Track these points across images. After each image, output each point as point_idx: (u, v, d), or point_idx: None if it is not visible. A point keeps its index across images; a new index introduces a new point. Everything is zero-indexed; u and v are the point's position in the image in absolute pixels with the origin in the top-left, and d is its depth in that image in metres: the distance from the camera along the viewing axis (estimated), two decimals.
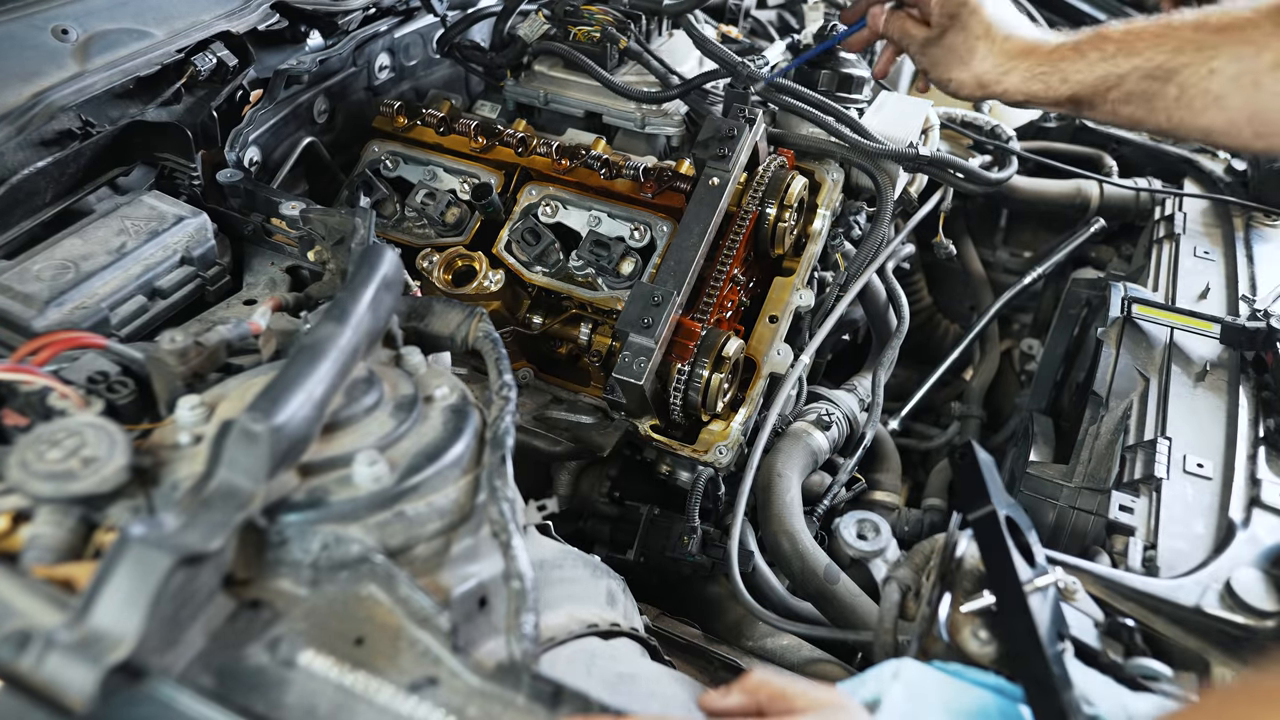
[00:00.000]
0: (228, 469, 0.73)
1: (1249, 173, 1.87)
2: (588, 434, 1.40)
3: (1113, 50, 1.11)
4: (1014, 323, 2.35)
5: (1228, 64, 1.04)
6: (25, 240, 1.20)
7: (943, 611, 0.87)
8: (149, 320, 1.13)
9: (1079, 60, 1.14)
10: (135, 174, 1.37)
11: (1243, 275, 1.59)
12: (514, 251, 1.52)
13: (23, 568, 0.72)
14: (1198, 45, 1.06)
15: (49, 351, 0.89)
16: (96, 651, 0.63)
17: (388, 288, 0.92)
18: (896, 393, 1.90)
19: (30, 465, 0.74)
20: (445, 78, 1.93)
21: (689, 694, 0.96)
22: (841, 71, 1.71)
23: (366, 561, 0.75)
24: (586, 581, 1.01)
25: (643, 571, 1.41)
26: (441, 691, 0.69)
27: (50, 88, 1.28)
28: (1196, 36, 1.06)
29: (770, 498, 1.39)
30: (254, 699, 0.68)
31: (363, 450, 0.80)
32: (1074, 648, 0.86)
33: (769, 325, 1.51)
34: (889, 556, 1.37)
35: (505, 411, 0.89)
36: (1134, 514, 1.15)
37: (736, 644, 1.38)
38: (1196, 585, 1.00)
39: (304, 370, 0.78)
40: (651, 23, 1.73)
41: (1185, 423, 1.28)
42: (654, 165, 1.55)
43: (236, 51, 1.49)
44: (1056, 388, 1.69)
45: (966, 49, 1.23)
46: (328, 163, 1.66)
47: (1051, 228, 2.24)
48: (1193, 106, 1.07)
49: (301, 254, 1.24)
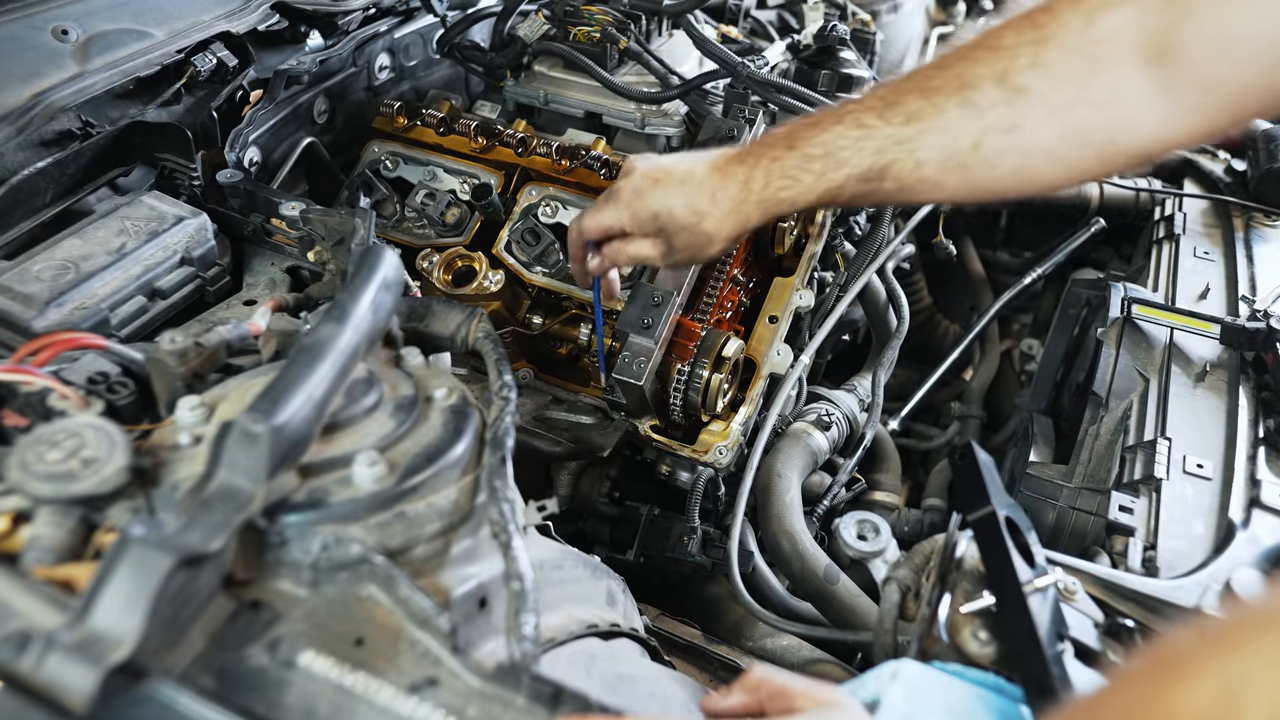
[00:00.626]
0: (228, 470, 0.73)
1: (1249, 173, 1.87)
2: (588, 434, 1.40)
3: (819, 169, 1.09)
4: (1014, 323, 2.35)
5: (931, 154, 1.04)
6: (25, 241, 1.20)
7: (942, 612, 0.87)
8: (149, 321, 1.13)
9: (795, 186, 1.11)
10: (135, 174, 1.37)
11: (1243, 275, 1.59)
12: (514, 252, 1.53)
13: (23, 568, 0.72)
14: (897, 140, 1.04)
15: (49, 352, 0.89)
16: (96, 652, 0.63)
17: (388, 288, 0.92)
18: (896, 393, 1.90)
19: (30, 466, 0.74)
20: (445, 78, 1.93)
21: (689, 694, 0.96)
22: (841, 72, 1.71)
23: (366, 562, 0.75)
24: (586, 582, 1.01)
25: (643, 572, 1.41)
26: (441, 692, 0.69)
27: (50, 88, 1.28)
28: (894, 131, 1.05)
29: (770, 498, 1.39)
30: (254, 700, 0.68)
31: (363, 451, 0.80)
32: (1074, 648, 0.86)
33: (769, 325, 1.51)
34: (889, 557, 1.37)
35: (505, 412, 0.89)
36: (1134, 514, 1.15)
37: (736, 644, 1.38)
38: (1196, 586, 1.00)
39: (304, 371, 0.78)
40: (651, 23, 1.73)
41: (1185, 423, 1.28)
42: None
43: (236, 52, 1.49)
44: (1056, 388, 1.69)
45: (699, 236, 1.17)
46: (328, 163, 1.66)
47: (1051, 228, 2.24)
48: (914, 192, 1.08)
49: (301, 254, 1.24)
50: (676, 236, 1.18)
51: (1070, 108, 0.98)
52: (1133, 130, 0.98)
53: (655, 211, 1.18)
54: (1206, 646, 0.58)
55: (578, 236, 1.27)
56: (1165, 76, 0.94)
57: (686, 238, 1.18)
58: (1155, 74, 0.94)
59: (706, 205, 1.15)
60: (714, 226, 1.16)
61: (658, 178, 1.18)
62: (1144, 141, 0.99)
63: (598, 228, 1.23)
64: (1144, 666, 0.66)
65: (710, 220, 1.16)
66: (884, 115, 1.06)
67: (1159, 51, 0.93)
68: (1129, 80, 0.95)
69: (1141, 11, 0.94)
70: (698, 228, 1.17)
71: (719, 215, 1.15)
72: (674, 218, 1.17)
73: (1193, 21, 0.91)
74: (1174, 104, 0.95)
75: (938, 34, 2.74)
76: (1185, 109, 0.95)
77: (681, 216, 1.16)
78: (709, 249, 1.19)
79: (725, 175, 1.16)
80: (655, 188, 1.18)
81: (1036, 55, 0.98)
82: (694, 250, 1.19)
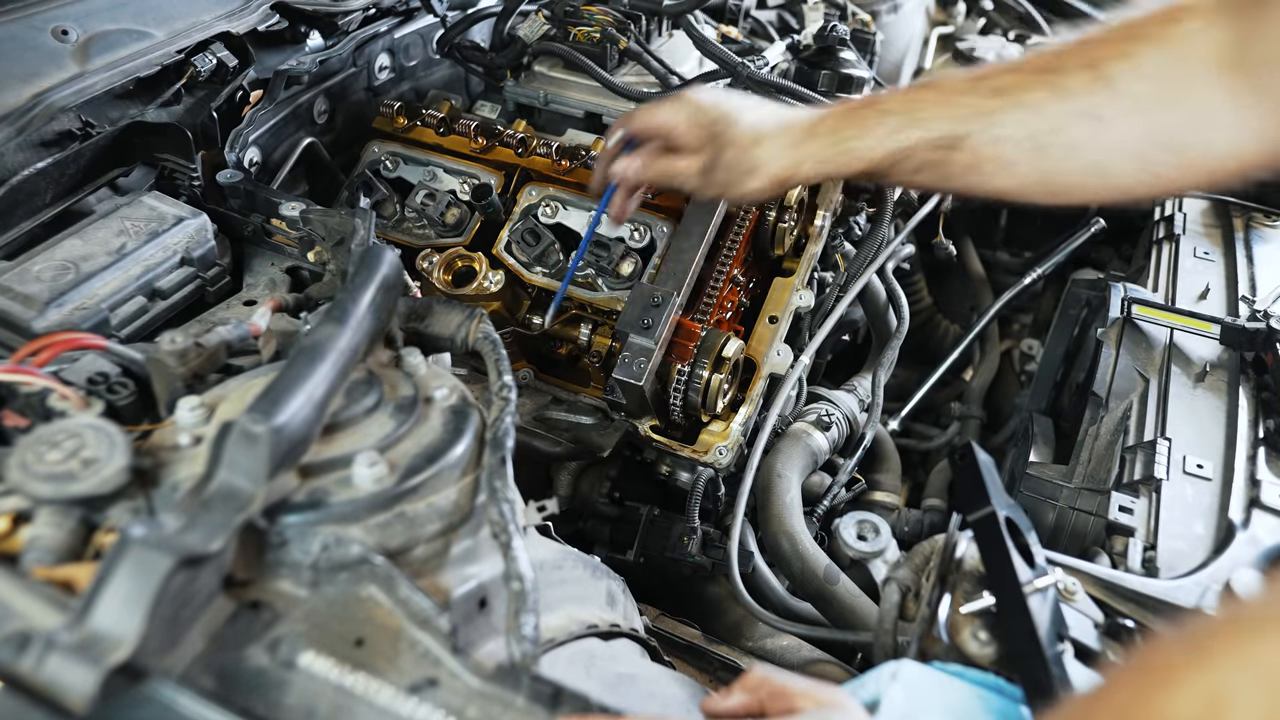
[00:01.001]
0: (228, 470, 0.73)
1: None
2: (588, 434, 1.40)
3: (895, 124, 1.07)
4: (1014, 323, 2.35)
5: (1011, 130, 1.02)
6: (25, 241, 1.20)
7: (942, 612, 0.87)
8: (149, 321, 1.13)
9: (866, 137, 1.08)
10: (135, 175, 1.37)
11: (1242, 276, 1.59)
12: (514, 252, 1.53)
13: (23, 569, 0.72)
14: (979, 112, 1.03)
15: (49, 352, 0.89)
16: (97, 653, 0.63)
17: (388, 289, 0.92)
18: (896, 393, 1.90)
19: (30, 466, 0.74)
20: (445, 78, 1.93)
21: (688, 694, 0.96)
22: (841, 72, 1.71)
23: (366, 563, 0.75)
24: (586, 582, 1.01)
25: (643, 572, 1.41)
26: (441, 693, 0.70)
27: (50, 88, 1.28)
28: (978, 102, 1.04)
29: (770, 498, 1.39)
30: (254, 700, 0.68)
31: (363, 451, 0.80)
32: (1074, 648, 0.86)
33: (769, 326, 1.51)
34: (889, 557, 1.37)
35: (505, 412, 0.89)
36: (1134, 515, 1.15)
37: (736, 644, 1.38)
38: (1196, 586, 1.00)
39: (304, 371, 0.78)
40: (651, 23, 1.73)
41: (1185, 423, 1.28)
42: None
43: (236, 52, 1.49)
44: (1056, 388, 1.69)
45: (748, 160, 1.13)
46: (328, 163, 1.66)
47: (1051, 228, 2.24)
48: (984, 171, 1.05)
49: (301, 255, 1.24)
50: (725, 152, 1.14)
51: (1154, 106, 0.97)
52: (1209, 139, 0.97)
53: (715, 117, 1.14)
54: (1194, 652, 0.59)
55: (621, 128, 1.22)
56: (1238, 87, 0.94)
57: (734, 156, 1.13)
58: (1230, 83, 0.94)
59: (770, 128, 1.12)
60: (767, 155, 1.12)
61: (726, 94, 1.16)
62: (1219, 153, 0.98)
63: (648, 123, 1.19)
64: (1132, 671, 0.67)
65: (766, 146, 1.12)
66: (972, 86, 1.05)
67: (1234, 61, 0.93)
68: (1209, 86, 0.95)
69: (1219, 21, 0.94)
70: (751, 150, 1.12)
71: (776, 145, 1.12)
72: (733, 128, 1.13)
73: (1263, 34, 0.91)
74: (1245, 116, 0.95)
75: (938, 34, 2.74)
76: (1254, 123, 0.95)
77: (741, 130, 1.13)
78: (748, 183, 1.14)
79: (792, 113, 1.14)
80: (726, 99, 1.16)
81: (1127, 50, 0.98)
82: (734, 177, 1.14)
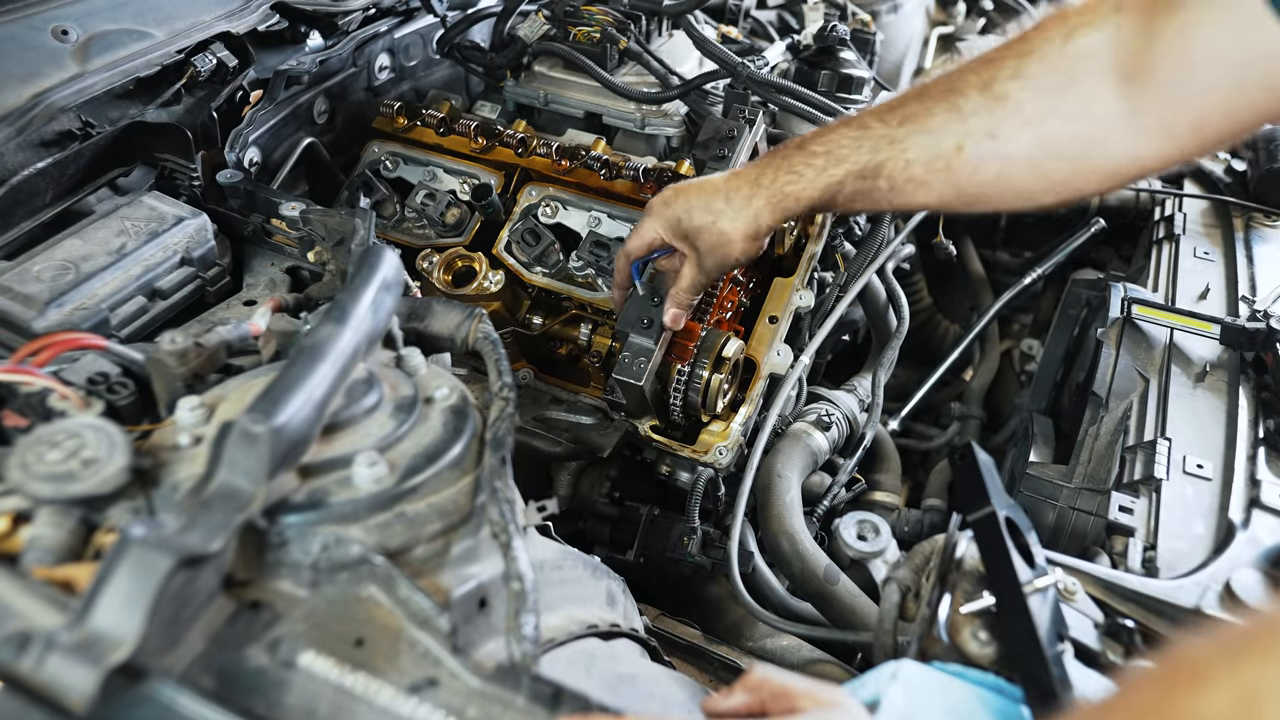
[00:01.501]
0: (228, 470, 0.73)
1: (1249, 173, 1.87)
2: (588, 435, 1.40)
3: (821, 164, 1.16)
4: (1014, 323, 2.35)
5: (918, 153, 1.10)
6: (25, 241, 1.20)
7: (942, 612, 0.87)
8: (149, 321, 1.13)
9: (799, 180, 1.18)
10: (135, 175, 1.37)
11: (1242, 276, 1.59)
12: (514, 252, 1.53)
13: (23, 569, 0.72)
14: (890, 140, 1.12)
15: (49, 353, 0.89)
16: (97, 653, 0.63)
17: (388, 289, 0.92)
18: (896, 393, 1.90)
19: (30, 466, 0.74)
20: (445, 78, 1.92)
21: (689, 694, 0.96)
22: (841, 72, 1.71)
23: (366, 563, 0.75)
24: (586, 582, 1.01)
25: (643, 572, 1.41)
26: (441, 693, 0.69)
27: (50, 88, 1.28)
28: (888, 131, 1.12)
29: (770, 498, 1.39)
30: (254, 700, 0.68)
31: (363, 451, 0.80)
32: (1074, 648, 0.86)
33: (769, 326, 1.51)
34: (889, 557, 1.37)
35: (505, 412, 0.89)
36: (1134, 515, 1.15)
37: (736, 644, 1.38)
38: (1196, 586, 1.00)
39: (304, 371, 0.78)
40: (651, 23, 1.73)
41: (1185, 423, 1.28)
42: (654, 166, 1.55)
43: (236, 52, 1.49)
44: (1056, 388, 1.69)
45: (718, 237, 1.24)
46: (328, 163, 1.66)
47: (1051, 228, 2.24)
48: (904, 192, 1.13)
49: (301, 255, 1.24)
50: (700, 239, 1.26)
51: (1044, 119, 1.03)
52: (1103, 147, 1.03)
53: (679, 216, 1.26)
54: (1225, 653, 0.58)
55: (625, 261, 1.36)
56: (1135, 95, 0.98)
57: (709, 239, 1.25)
58: (1125, 92, 0.98)
59: (721, 205, 1.24)
60: (729, 224, 1.23)
61: (681, 188, 1.28)
62: (1116, 159, 1.03)
63: (639, 244, 1.32)
64: (1159, 672, 0.66)
65: (725, 219, 1.23)
66: (883, 118, 1.13)
67: (1130, 71, 0.98)
68: (1100, 96, 1.00)
69: (1117, 32, 0.99)
70: (715, 227, 1.24)
71: (732, 213, 1.23)
72: (694, 220, 1.25)
73: (1160, 45, 0.95)
74: (1142, 124, 0.99)
75: (938, 34, 2.74)
76: (1152, 130, 0.99)
77: (700, 218, 1.25)
78: (731, 251, 1.25)
79: (738, 176, 1.24)
80: (678, 197, 1.27)
81: (1019, 67, 1.04)
82: (719, 254, 1.26)
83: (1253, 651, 0.56)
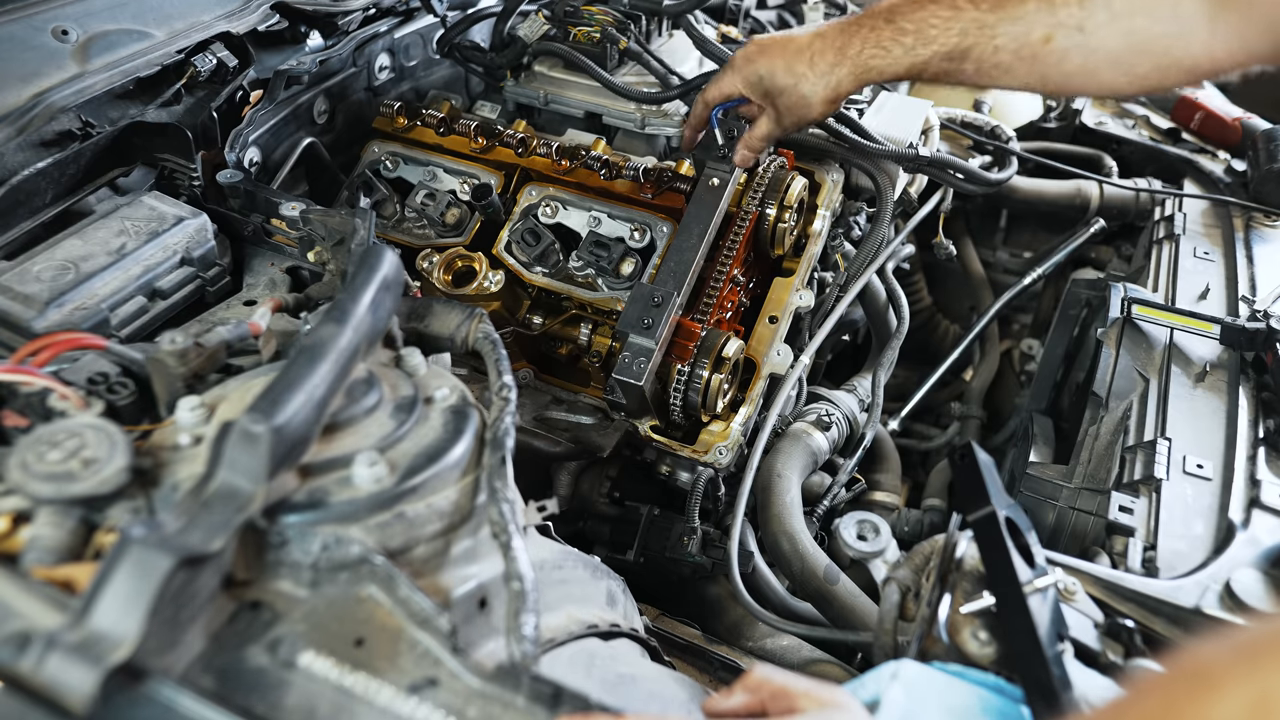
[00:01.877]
0: (228, 470, 0.73)
1: (1249, 173, 1.87)
2: (588, 434, 1.40)
3: (911, 43, 1.22)
4: (1014, 323, 2.35)
5: (1007, 41, 1.17)
6: (25, 241, 1.20)
7: (942, 612, 0.87)
8: (149, 321, 1.13)
9: (886, 56, 1.24)
10: (135, 175, 1.37)
11: (1242, 276, 1.59)
12: (514, 252, 1.53)
13: (23, 569, 0.72)
14: (980, 25, 1.18)
15: (49, 352, 0.89)
16: (97, 653, 0.63)
17: (388, 289, 0.92)
18: (896, 393, 1.90)
19: (30, 466, 0.74)
20: (445, 78, 1.92)
21: (689, 694, 0.96)
22: None
23: (366, 563, 0.75)
24: (586, 582, 1.01)
25: (643, 572, 1.41)
26: (441, 693, 0.70)
27: (50, 88, 1.28)
28: (979, 16, 1.18)
29: (770, 498, 1.39)
30: (254, 700, 0.68)
31: (363, 451, 0.80)
32: (1074, 648, 0.86)
33: (769, 326, 1.51)
34: (889, 557, 1.37)
35: (505, 412, 0.89)
36: (1134, 515, 1.15)
37: (736, 644, 1.38)
38: (1196, 586, 1.00)
39: (304, 371, 0.78)
40: (651, 23, 1.73)
41: (1185, 423, 1.28)
42: (654, 166, 1.55)
43: (236, 52, 1.49)
44: (1056, 388, 1.69)
45: (799, 98, 1.31)
46: (328, 163, 1.66)
47: (1051, 228, 2.24)
48: (990, 76, 1.21)
49: (301, 255, 1.24)
50: (780, 99, 1.32)
51: (1133, 15, 1.10)
52: (1185, 46, 1.09)
53: (760, 74, 1.32)
54: (1236, 659, 0.57)
55: (702, 108, 1.43)
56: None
57: (788, 100, 1.31)
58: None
59: (804, 68, 1.29)
60: (810, 89, 1.29)
61: (764, 45, 1.33)
62: (1195, 57, 1.10)
63: (718, 94, 1.39)
64: (1169, 676, 0.65)
65: (806, 83, 1.29)
66: (974, 2, 1.18)
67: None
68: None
69: None
70: (796, 90, 1.30)
71: (814, 78, 1.29)
72: (775, 80, 1.31)
73: None
74: (1221, 24, 1.06)
75: None
76: (1232, 32, 1.06)
77: (782, 78, 1.30)
78: (810, 113, 1.32)
79: (824, 40, 1.29)
80: (762, 54, 1.33)
81: None
82: (797, 114, 1.33)
83: (1265, 657, 0.55)
